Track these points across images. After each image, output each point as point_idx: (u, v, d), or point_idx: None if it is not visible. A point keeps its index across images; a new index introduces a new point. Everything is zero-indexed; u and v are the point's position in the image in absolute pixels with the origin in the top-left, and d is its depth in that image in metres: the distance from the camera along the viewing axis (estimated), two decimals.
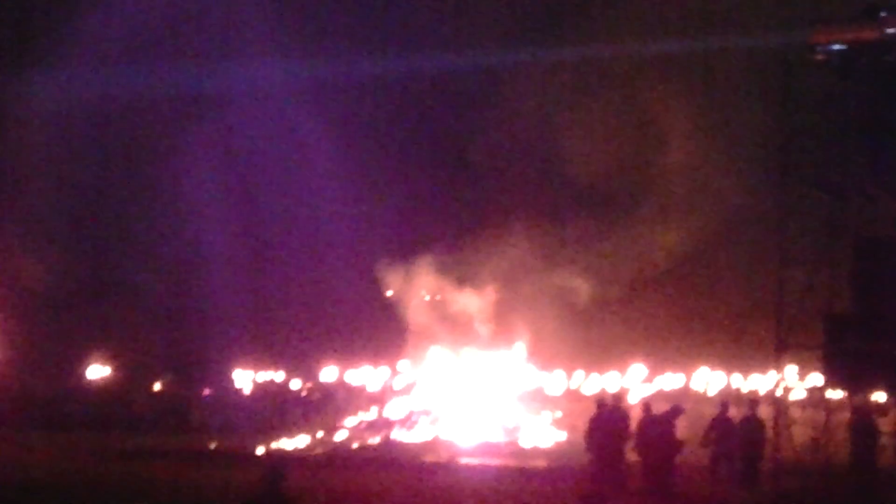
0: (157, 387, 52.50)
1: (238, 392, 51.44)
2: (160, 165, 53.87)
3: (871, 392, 33.91)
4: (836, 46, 27.74)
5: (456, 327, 46.42)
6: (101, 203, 55.06)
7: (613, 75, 50.85)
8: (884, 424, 30.65)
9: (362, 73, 51.52)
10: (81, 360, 51.61)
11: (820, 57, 27.98)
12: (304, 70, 51.86)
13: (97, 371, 51.66)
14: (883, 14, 27.16)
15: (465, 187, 49.62)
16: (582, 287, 48.41)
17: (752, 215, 44.46)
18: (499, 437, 42.32)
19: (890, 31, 27.14)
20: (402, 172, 52.39)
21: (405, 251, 46.49)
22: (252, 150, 54.85)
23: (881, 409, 30.97)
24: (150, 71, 51.01)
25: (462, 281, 46.42)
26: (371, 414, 44.72)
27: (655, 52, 48.16)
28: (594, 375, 50.37)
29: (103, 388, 51.26)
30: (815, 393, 36.37)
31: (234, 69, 51.99)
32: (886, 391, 32.14)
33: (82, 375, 51.51)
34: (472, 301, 46.57)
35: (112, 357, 51.83)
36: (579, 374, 49.96)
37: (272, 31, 52.52)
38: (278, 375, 52.47)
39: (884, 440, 30.24)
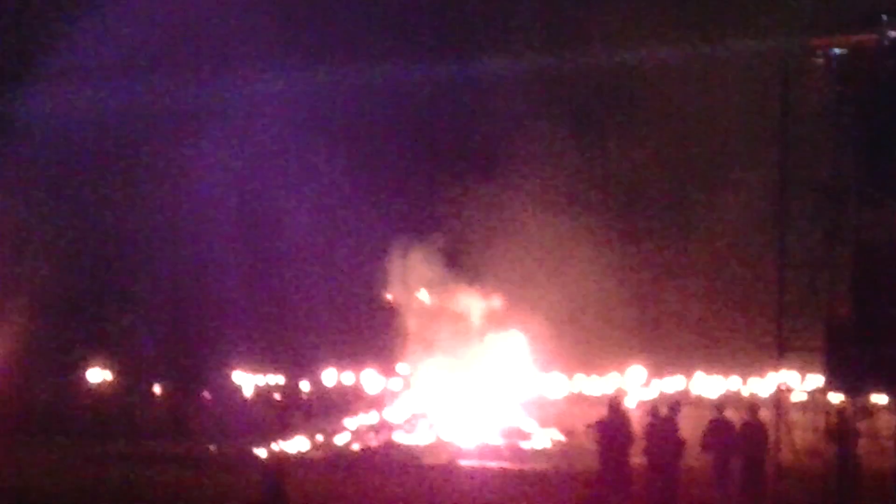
0: (156, 391, 52.49)
1: (237, 395, 51.42)
2: (161, 172, 53.94)
3: (871, 395, 33.97)
4: (837, 51, 27.75)
5: (456, 330, 46.43)
6: (101, 208, 55.08)
7: (615, 79, 50.89)
8: (866, 427, 30.55)
9: (361, 77, 51.55)
10: (81, 365, 51.63)
11: (820, 61, 27.99)
12: (304, 74, 51.89)
13: (97, 376, 51.67)
14: (884, 19, 27.15)
15: (465, 189, 49.57)
16: (582, 289, 48.40)
17: (753, 219, 44.44)
18: (499, 440, 42.32)
19: (891, 34, 27.14)
20: (401, 176, 52.40)
21: (405, 253, 46.47)
22: (251, 155, 54.86)
23: (864, 411, 30.91)
24: (149, 82, 51.08)
25: (462, 283, 46.42)
26: (371, 416, 44.71)
27: (656, 57, 48.18)
28: (594, 377, 50.37)
29: (103, 393, 51.26)
30: (816, 396, 36.30)
31: (232, 78, 52.01)
32: (887, 394, 32.15)
33: (82, 380, 51.52)
34: (472, 303, 46.58)
35: (111, 361, 51.83)
36: (579, 376, 49.93)
37: (269, 42, 52.63)
38: (278, 378, 52.45)
39: (863, 442, 30.15)
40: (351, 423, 44.27)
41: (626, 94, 51.26)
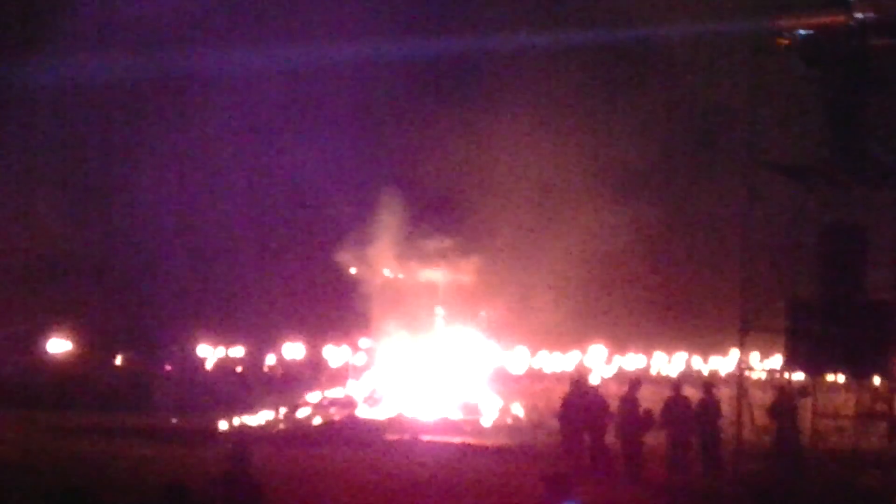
0: (118, 362, 52.32)
1: (200, 368, 51.35)
2: (126, 146, 53.77)
3: (830, 374, 34.26)
4: (803, 32, 27.86)
5: (419, 305, 46.47)
6: (62, 182, 54.87)
7: (583, 60, 50.90)
8: (805, 406, 30.84)
9: (328, 57, 51.39)
10: (43, 336, 51.40)
11: (786, 42, 28.09)
12: (273, 54, 51.72)
13: (58, 347, 51.45)
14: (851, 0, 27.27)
15: (427, 168, 49.58)
16: (545, 266, 48.52)
17: (718, 199, 44.66)
18: (460, 415, 42.41)
19: (858, 16, 27.26)
20: (365, 152, 52.37)
21: (369, 229, 46.46)
22: (218, 129, 54.73)
23: (803, 391, 31.26)
24: (121, 56, 50.79)
25: (425, 259, 46.44)
26: (334, 391, 44.75)
27: (623, 38, 48.21)
28: (557, 354, 50.61)
29: (64, 365, 51.04)
30: (776, 375, 36.57)
31: (188, 56, 51.67)
32: (845, 373, 32.43)
33: (44, 351, 51.29)
34: (435, 279, 46.60)
35: (73, 333, 51.62)
36: (542, 353, 50.20)
37: (250, 17, 52.53)
38: (241, 352, 52.39)
39: (805, 421, 30.47)
40: (313, 397, 44.30)
41: (592, 74, 51.34)
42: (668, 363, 50.65)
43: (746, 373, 33.58)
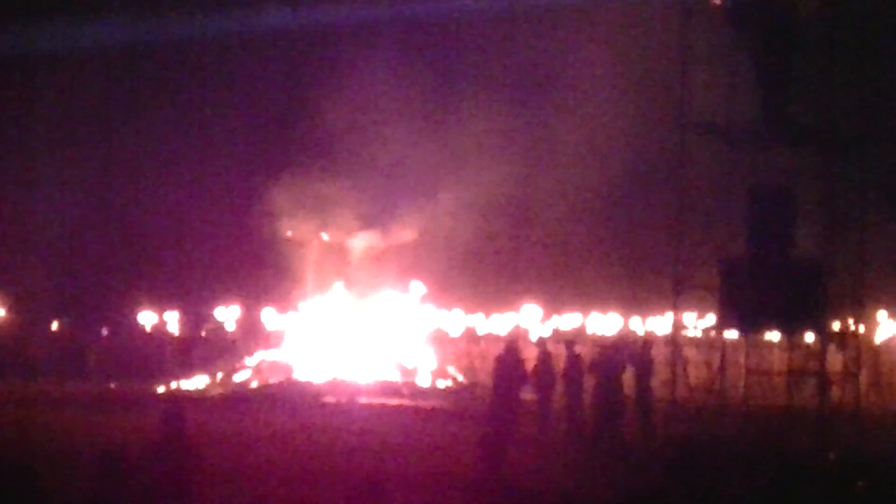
0: (53, 328, 52.00)
1: (138, 334, 51.12)
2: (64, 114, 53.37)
3: (764, 332, 34.70)
4: None
5: (355, 267, 46.49)
6: None
7: (511, 26, 50.93)
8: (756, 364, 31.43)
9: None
10: None
11: (717, 3, 28.32)
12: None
13: None
14: None
15: (363, 131, 49.44)
16: (480, 228, 48.66)
17: (650, 160, 44.93)
18: (397, 377, 42.56)
19: None
20: (303, 116, 52.11)
21: (306, 190, 46.36)
22: (158, 97, 54.53)
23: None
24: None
25: (362, 222, 46.43)
26: (270, 354, 44.73)
27: (553, 2, 48.28)
28: (495, 316, 50.78)
29: None
30: (710, 333, 37.00)
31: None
32: (779, 330, 32.86)
33: None
34: (371, 241, 46.62)
35: (7, 300, 51.21)
36: (479, 315, 50.35)
37: None
38: (176, 316, 52.21)
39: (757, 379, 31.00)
40: (251, 361, 44.28)
41: (525, 38, 51.44)
42: (604, 323, 50.97)
43: (678, 332, 33.93)
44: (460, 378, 43.69)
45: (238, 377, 42.73)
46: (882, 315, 47.90)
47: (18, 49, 49.34)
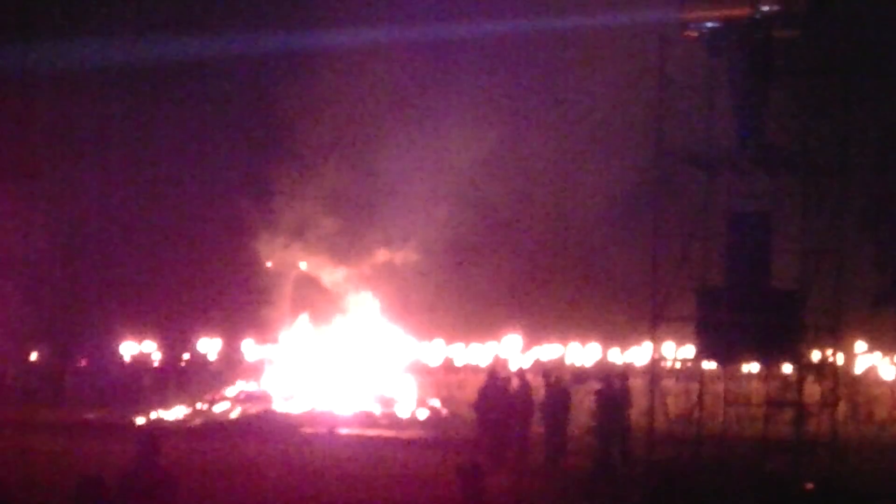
0: (32, 357, 51.83)
1: (115, 363, 50.99)
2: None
3: (742, 363, 34.68)
4: (710, 24, 28.16)
5: (335, 299, 46.50)
6: None
7: (489, 54, 51.08)
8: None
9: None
10: None
11: (694, 34, 28.39)
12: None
13: None
14: None
15: (345, 160, 49.47)
16: (464, 259, 48.74)
17: (628, 189, 45.02)
18: (377, 408, 42.48)
19: (763, 8, 27.59)
20: (284, 146, 52.13)
21: (284, 224, 46.39)
22: (135, 122, 54.48)
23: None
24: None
25: (343, 254, 46.46)
26: (250, 385, 44.66)
27: (531, 30, 48.43)
28: (475, 346, 50.79)
29: None
30: (688, 364, 36.96)
31: None
32: (756, 361, 32.84)
33: None
34: (352, 273, 46.66)
35: None
36: (458, 345, 50.35)
37: None
38: (156, 346, 52.10)
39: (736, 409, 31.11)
40: (230, 391, 44.19)
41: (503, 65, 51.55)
42: (583, 353, 51.04)
43: (662, 363, 33.95)
44: (440, 408, 43.61)
45: (218, 408, 42.62)
46: (860, 346, 48.01)
47: None
